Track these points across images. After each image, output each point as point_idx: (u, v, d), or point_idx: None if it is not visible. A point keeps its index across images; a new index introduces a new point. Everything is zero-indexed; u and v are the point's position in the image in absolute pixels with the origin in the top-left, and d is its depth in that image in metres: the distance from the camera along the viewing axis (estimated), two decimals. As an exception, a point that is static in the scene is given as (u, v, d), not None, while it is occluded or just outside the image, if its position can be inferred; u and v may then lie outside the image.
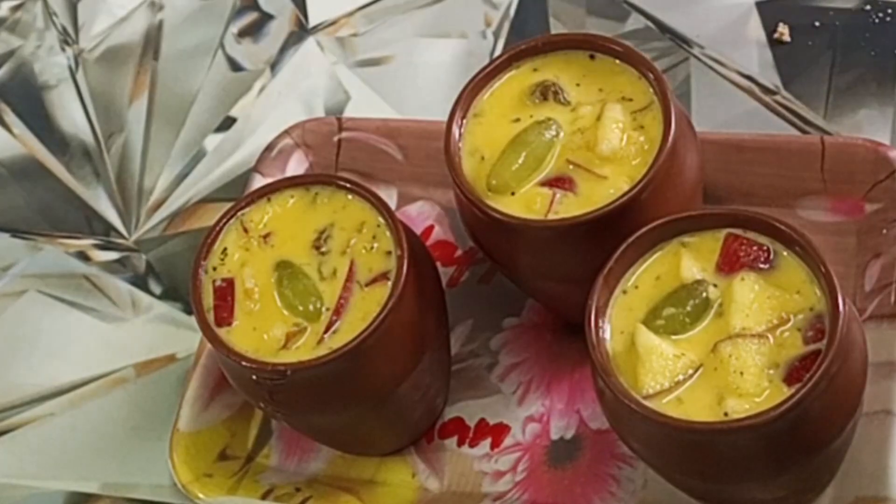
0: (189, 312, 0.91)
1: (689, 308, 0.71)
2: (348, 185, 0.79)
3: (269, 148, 0.92)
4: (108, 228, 0.97)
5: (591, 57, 0.80)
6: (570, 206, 0.76)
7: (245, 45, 1.04)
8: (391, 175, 0.91)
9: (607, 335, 0.71)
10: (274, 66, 1.02)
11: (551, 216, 0.76)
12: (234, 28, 1.05)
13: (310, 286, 0.77)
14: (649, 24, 0.97)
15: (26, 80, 1.06)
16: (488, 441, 0.82)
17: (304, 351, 0.75)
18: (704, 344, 0.70)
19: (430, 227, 0.90)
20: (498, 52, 0.96)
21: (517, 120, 0.79)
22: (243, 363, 0.75)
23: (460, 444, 0.83)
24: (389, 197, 0.90)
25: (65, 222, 0.98)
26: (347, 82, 1.00)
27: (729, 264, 0.71)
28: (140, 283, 0.94)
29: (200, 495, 0.82)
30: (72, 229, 0.98)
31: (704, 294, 0.71)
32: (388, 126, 0.92)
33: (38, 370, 0.92)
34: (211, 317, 0.77)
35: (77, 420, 0.89)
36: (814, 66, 0.92)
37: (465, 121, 0.80)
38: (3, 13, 1.09)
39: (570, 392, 0.83)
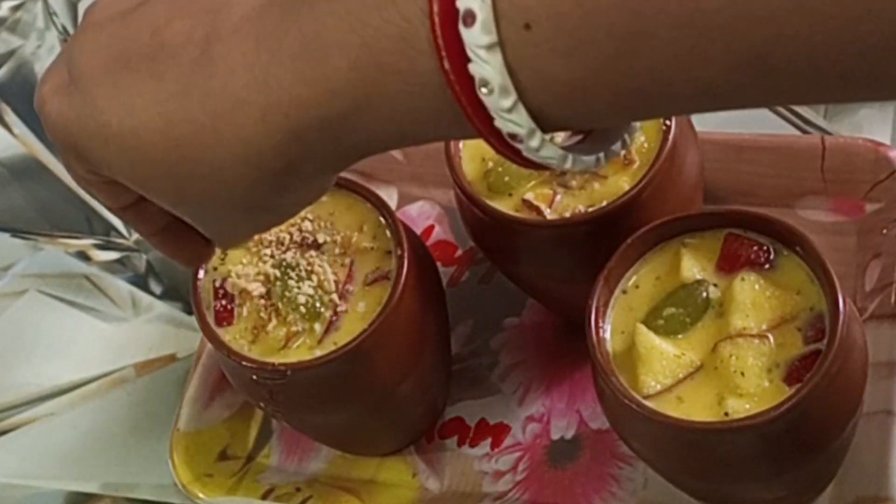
0: (189, 312, 0.91)
1: (689, 308, 0.71)
2: (348, 185, 0.79)
3: (269, 148, 0.92)
4: (109, 228, 0.97)
5: (592, 57, 0.80)
6: (570, 206, 0.76)
7: (245, 44, 1.04)
8: (391, 175, 0.91)
9: (607, 335, 0.71)
10: (274, 65, 1.02)
11: (551, 216, 0.76)
12: (235, 28, 1.05)
13: (310, 286, 0.77)
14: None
15: (26, 80, 1.06)
16: (488, 441, 0.82)
17: (304, 351, 0.75)
18: (705, 344, 0.70)
19: (431, 227, 0.90)
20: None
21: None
22: (243, 363, 0.75)
23: (460, 443, 0.83)
24: (389, 197, 0.90)
25: (65, 222, 0.98)
26: (348, 82, 1.00)
27: (729, 264, 0.71)
28: (140, 282, 0.94)
29: (201, 495, 0.82)
30: (72, 229, 0.98)
31: (705, 294, 0.71)
32: (389, 126, 0.92)
33: (38, 370, 0.92)
34: (211, 317, 0.77)
35: (77, 420, 0.89)
36: (814, 66, 0.92)
37: (465, 121, 0.80)
38: (4, 13, 1.09)
39: (570, 392, 0.83)
